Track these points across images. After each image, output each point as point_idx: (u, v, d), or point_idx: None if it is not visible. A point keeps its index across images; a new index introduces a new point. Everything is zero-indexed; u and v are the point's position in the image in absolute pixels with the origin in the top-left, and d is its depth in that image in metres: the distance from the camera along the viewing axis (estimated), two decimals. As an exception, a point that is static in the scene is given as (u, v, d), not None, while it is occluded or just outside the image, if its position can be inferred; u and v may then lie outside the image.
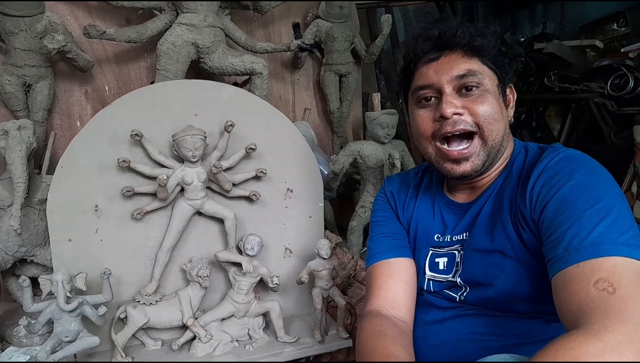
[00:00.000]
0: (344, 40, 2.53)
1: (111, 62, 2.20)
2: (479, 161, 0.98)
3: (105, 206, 1.53)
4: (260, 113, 1.67)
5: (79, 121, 2.16)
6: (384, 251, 1.15)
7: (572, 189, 0.86)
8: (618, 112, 2.58)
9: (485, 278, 0.99)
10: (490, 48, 0.99)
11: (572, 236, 0.80)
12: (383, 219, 1.22)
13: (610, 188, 0.87)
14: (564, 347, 0.66)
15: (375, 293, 1.10)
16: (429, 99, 1.01)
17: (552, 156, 0.94)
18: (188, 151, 1.48)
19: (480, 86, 0.97)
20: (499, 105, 0.99)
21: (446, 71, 0.98)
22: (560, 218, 0.84)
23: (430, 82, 0.99)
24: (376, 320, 1.04)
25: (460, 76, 0.97)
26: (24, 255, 1.67)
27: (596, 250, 0.76)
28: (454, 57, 0.99)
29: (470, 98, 0.97)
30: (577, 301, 0.74)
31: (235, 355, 1.53)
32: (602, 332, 0.66)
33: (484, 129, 0.97)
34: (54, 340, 1.33)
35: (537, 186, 0.92)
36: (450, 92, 0.97)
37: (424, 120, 1.02)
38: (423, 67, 1.02)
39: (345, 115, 2.76)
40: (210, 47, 2.00)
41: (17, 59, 1.85)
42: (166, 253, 1.57)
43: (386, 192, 1.25)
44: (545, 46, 2.84)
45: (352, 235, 2.29)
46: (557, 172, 0.90)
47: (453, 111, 0.96)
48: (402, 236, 1.18)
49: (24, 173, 1.52)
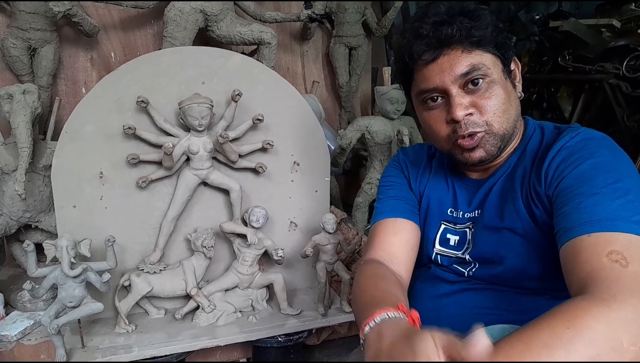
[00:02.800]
0: (355, 12, 2.47)
1: (117, 28, 2.16)
2: (493, 147, 0.96)
3: (110, 174, 1.51)
4: (269, 83, 1.64)
5: (84, 88, 2.14)
6: (392, 210, 1.13)
7: (592, 166, 0.84)
8: (632, 94, 2.53)
9: (494, 255, 0.98)
10: (488, 35, 0.93)
11: (586, 209, 0.79)
12: (395, 183, 1.19)
13: (631, 170, 0.85)
14: (567, 307, 0.66)
15: (375, 246, 1.08)
16: (436, 100, 0.98)
17: (572, 136, 0.92)
18: (194, 120, 1.46)
19: (486, 77, 0.93)
20: (506, 92, 0.96)
21: (448, 70, 0.93)
22: (576, 191, 0.82)
23: (434, 85, 0.95)
24: (377, 265, 1.03)
25: (464, 74, 0.92)
26: (29, 221, 1.67)
27: (611, 225, 0.75)
28: (453, 54, 0.93)
29: (478, 93, 0.94)
30: (587, 269, 0.73)
31: (238, 326, 1.54)
32: (610, 301, 0.65)
33: (494, 124, 0.94)
34: (58, 305, 1.34)
35: (554, 164, 0.90)
36: (457, 92, 0.94)
37: (436, 122, 0.99)
38: (424, 70, 0.97)
39: (354, 89, 2.72)
40: (219, 15, 1.96)
41: (22, 22, 1.81)
42: (171, 222, 1.56)
43: (400, 161, 1.22)
44: (562, 24, 2.77)
45: (357, 211, 2.27)
46: (577, 150, 0.88)
47: (464, 113, 0.93)
48: (412, 202, 1.15)
49: (29, 138, 1.51)
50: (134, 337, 1.46)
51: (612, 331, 0.62)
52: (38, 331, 1.54)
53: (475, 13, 0.94)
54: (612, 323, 0.63)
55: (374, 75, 2.92)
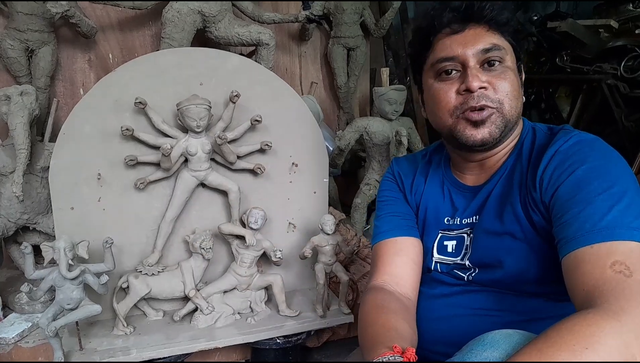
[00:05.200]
0: (353, 13, 2.47)
1: (115, 29, 2.15)
2: (497, 129, 0.96)
3: (108, 175, 1.51)
4: (267, 84, 1.64)
5: (82, 89, 2.13)
6: (391, 229, 1.14)
7: (586, 172, 0.84)
8: (630, 94, 2.54)
9: (493, 260, 0.98)
10: (512, 24, 0.97)
11: (586, 218, 0.79)
12: (391, 198, 1.20)
13: (624, 171, 0.86)
14: (580, 323, 0.66)
15: (380, 269, 1.09)
16: (450, 72, 0.98)
17: (565, 139, 0.92)
18: (192, 121, 1.45)
19: (503, 61, 0.95)
20: (518, 83, 0.98)
21: (472, 43, 0.95)
22: (574, 200, 0.83)
23: (455, 54, 0.96)
24: (379, 294, 1.03)
25: (486, 50, 0.94)
26: (26, 223, 1.66)
27: (611, 233, 0.76)
28: (479, 30, 0.96)
29: (493, 74, 0.95)
30: (591, 281, 0.73)
31: (237, 328, 1.53)
32: (620, 313, 0.66)
33: (505, 105, 0.95)
34: (56, 307, 1.33)
35: (549, 170, 0.90)
36: (475, 66, 0.95)
37: (446, 93, 0.98)
38: (446, 39, 0.98)
39: (353, 90, 2.72)
40: (217, 15, 1.96)
41: (20, 23, 1.81)
42: (169, 223, 1.56)
43: (394, 172, 1.23)
44: (559, 24, 2.77)
45: (355, 212, 2.27)
46: (571, 155, 0.89)
47: (479, 84, 0.93)
48: (410, 216, 1.16)
49: (27, 139, 1.50)
50: (132, 338, 1.46)
51: (626, 347, 0.64)
52: (36, 333, 1.53)
53: (503, 4, 0.97)
54: (625, 338, 0.64)
55: (372, 76, 2.92)
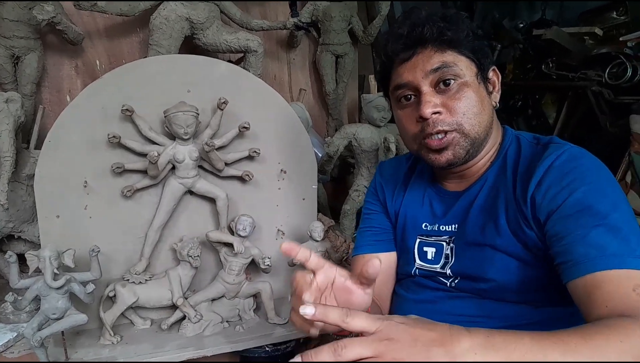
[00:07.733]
0: (342, 20, 2.48)
1: (102, 36, 2.14)
2: (461, 149, 0.98)
3: (94, 183, 1.50)
4: (255, 91, 1.64)
5: (69, 96, 2.11)
6: (368, 244, 1.21)
7: (587, 194, 0.86)
8: (615, 101, 2.57)
9: (476, 271, 0.99)
10: (463, 38, 0.97)
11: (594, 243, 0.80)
12: (370, 212, 1.26)
13: (619, 190, 0.88)
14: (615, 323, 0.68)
15: None
16: (409, 98, 1.01)
17: (558, 154, 0.93)
18: (179, 128, 1.45)
19: (458, 78, 0.96)
20: (479, 97, 0.98)
21: (420, 67, 0.97)
22: (578, 223, 0.83)
23: (406, 81, 0.99)
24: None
25: (434, 70, 0.96)
26: (11, 231, 1.64)
27: (625, 261, 0.77)
28: (426, 53, 0.97)
29: (449, 94, 0.96)
30: (616, 299, 0.74)
31: (225, 336, 1.52)
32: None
33: (464, 125, 0.97)
34: (41, 317, 1.31)
35: (543, 186, 0.91)
36: (428, 90, 0.97)
37: (407, 121, 1.03)
38: (398, 68, 1.01)
39: (341, 97, 2.72)
40: (205, 22, 1.96)
41: (5, 30, 1.79)
42: (156, 231, 1.55)
43: (376, 184, 1.28)
44: (545, 32, 2.81)
45: (345, 219, 2.27)
46: (566, 174, 0.89)
47: (431, 110, 0.95)
48: (385, 230, 1.22)
49: (12, 147, 1.49)
50: (119, 348, 1.44)
51: None
52: (21, 343, 1.50)
53: (452, 17, 0.98)
54: None
55: (361, 83, 2.93)
